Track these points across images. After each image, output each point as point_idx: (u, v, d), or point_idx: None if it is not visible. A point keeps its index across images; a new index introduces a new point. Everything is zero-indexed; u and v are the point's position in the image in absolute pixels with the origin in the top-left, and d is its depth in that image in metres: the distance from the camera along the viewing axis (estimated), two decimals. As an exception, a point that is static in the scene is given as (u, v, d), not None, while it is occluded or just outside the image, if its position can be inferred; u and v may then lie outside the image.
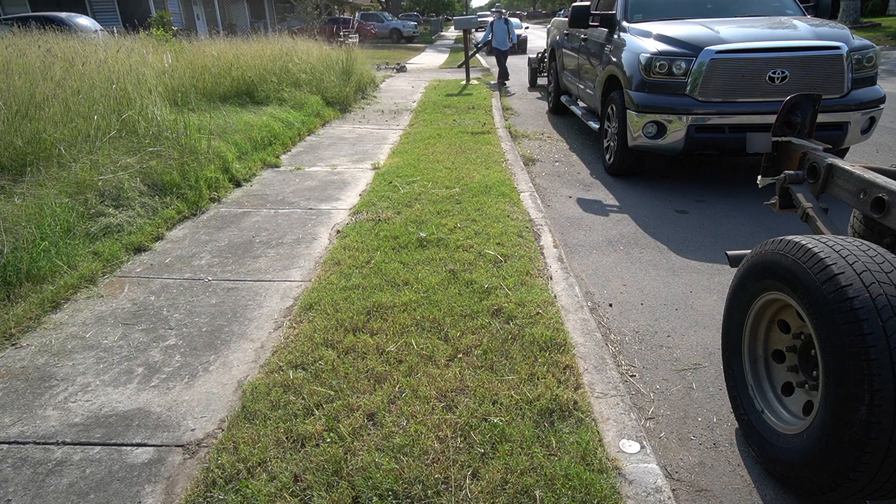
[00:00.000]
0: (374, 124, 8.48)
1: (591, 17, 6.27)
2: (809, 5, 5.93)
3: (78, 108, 4.98)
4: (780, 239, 1.86)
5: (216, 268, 3.60)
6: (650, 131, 4.86)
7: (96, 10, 22.52)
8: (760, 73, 4.48)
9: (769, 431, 1.96)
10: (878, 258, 1.60)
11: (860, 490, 1.59)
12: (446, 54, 24.21)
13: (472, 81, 13.15)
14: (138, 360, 2.63)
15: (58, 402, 2.35)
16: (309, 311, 2.96)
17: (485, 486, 1.84)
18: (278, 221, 4.43)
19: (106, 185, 4.23)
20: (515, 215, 4.31)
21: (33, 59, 5.94)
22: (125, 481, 1.94)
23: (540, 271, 3.39)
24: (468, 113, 8.97)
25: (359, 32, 22.56)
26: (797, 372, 1.95)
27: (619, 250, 3.97)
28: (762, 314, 2.05)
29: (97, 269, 3.48)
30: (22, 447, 2.10)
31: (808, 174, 2.52)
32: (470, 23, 13.96)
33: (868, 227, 2.55)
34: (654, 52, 4.80)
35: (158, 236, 4.07)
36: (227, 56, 8.91)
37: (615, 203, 4.95)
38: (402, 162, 5.96)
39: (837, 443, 1.57)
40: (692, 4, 5.82)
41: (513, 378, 2.38)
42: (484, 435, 2.06)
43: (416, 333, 2.73)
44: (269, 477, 1.90)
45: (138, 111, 5.16)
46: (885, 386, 1.45)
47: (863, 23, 20.34)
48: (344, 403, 2.24)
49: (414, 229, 4.00)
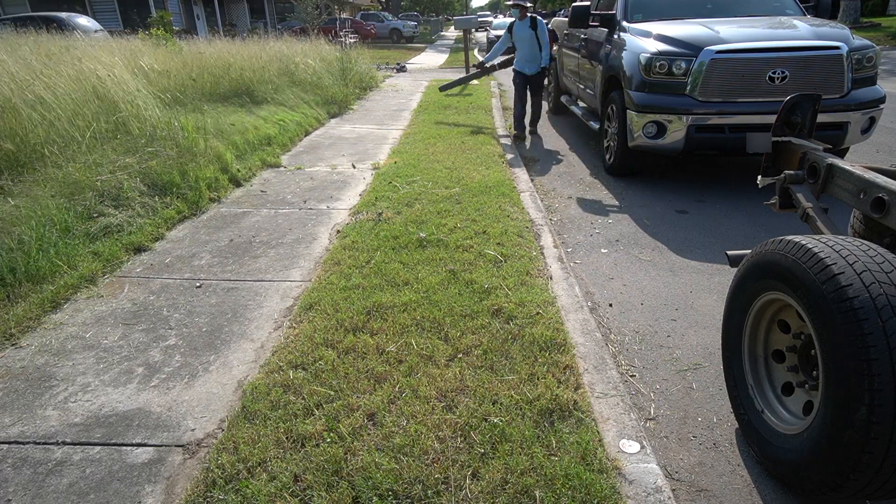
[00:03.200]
0: (375, 124, 8.47)
1: (591, 17, 6.27)
2: (809, 5, 5.93)
3: (73, 109, 4.97)
4: (780, 239, 1.86)
5: (216, 268, 3.60)
6: (650, 131, 4.86)
7: (96, 11, 22.54)
8: (760, 73, 4.48)
9: (769, 431, 1.96)
10: (878, 258, 1.60)
11: (860, 490, 1.59)
12: (446, 54, 24.21)
13: (472, 81, 13.13)
14: (138, 360, 2.63)
15: (58, 402, 2.35)
16: (309, 311, 2.96)
17: (485, 486, 1.84)
18: (278, 221, 4.43)
19: (105, 185, 4.23)
20: (515, 215, 4.31)
21: (28, 58, 5.94)
22: (125, 481, 1.94)
23: (540, 271, 3.39)
24: (468, 113, 8.97)
25: (359, 32, 22.55)
26: (797, 372, 1.95)
27: (619, 250, 3.97)
28: (762, 314, 2.05)
29: (97, 269, 3.48)
30: (22, 447, 2.10)
31: (808, 174, 2.52)
32: (470, 23, 13.95)
33: (868, 227, 2.55)
34: (654, 52, 4.80)
35: (158, 236, 4.07)
36: (226, 56, 8.91)
37: (615, 203, 4.95)
38: (402, 162, 5.96)
39: (837, 443, 1.57)
40: (692, 4, 5.82)
41: (513, 378, 2.38)
42: (484, 435, 2.06)
43: (416, 333, 2.73)
44: (269, 477, 1.90)
45: (129, 111, 5.16)
46: (885, 386, 1.45)
47: (863, 23, 20.34)
48: (344, 403, 2.24)
49: (414, 229, 4.00)
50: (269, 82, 8.68)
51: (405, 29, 32.99)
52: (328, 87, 9.69)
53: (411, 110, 9.52)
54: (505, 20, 31.18)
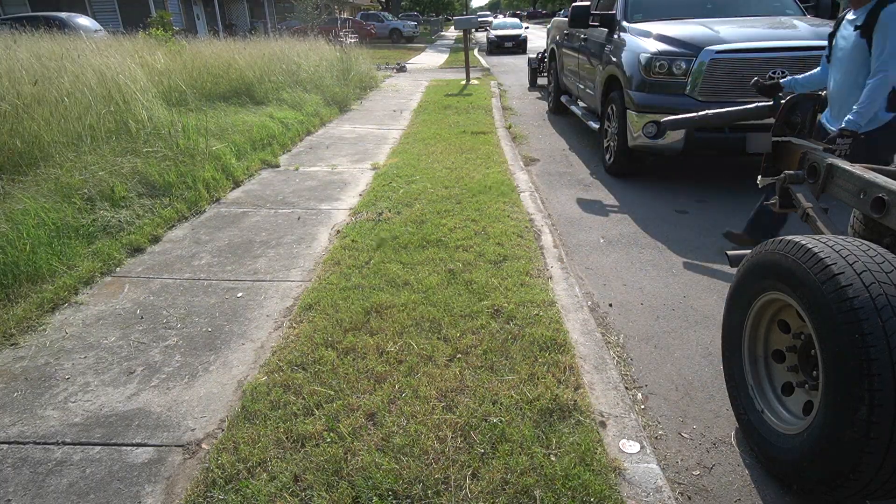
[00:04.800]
0: (374, 124, 8.47)
1: (591, 17, 6.26)
2: (809, 5, 5.93)
3: (72, 109, 4.97)
4: (780, 239, 1.86)
5: (216, 268, 3.60)
6: (650, 131, 4.85)
7: (96, 11, 22.51)
8: (760, 72, 4.47)
9: (769, 431, 1.96)
10: (878, 258, 1.60)
11: (860, 490, 1.59)
12: (446, 54, 24.20)
13: (472, 81, 13.14)
14: (138, 360, 2.63)
15: (58, 402, 2.35)
16: (309, 311, 2.96)
17: (485, 486, 1.84)
18: (278, 221, 4.42)
19: (104, 185, 4.23)
20: (515, 215, 4.31)
21: (26, 59, 5.93)
22: (125, 481, 1.94)
23: (540, 271, 3.39)
24: (468, 113, 8.97)
25: (359, 32, 22.53)
26: (797, 372, 1.95)
27: (619, 250, 3.97)
28: (762, 314, 2.05)
29: (97, 269, 3.48)
30: (22, 447, 2.10)
31: (808, 174, 2.52)
32: (470, 23, 13.94)
33: (868, 227, 2.54)
34: (654, 52, 4.80)
35: (158, 236, 4.07)
36: (226, 56, 8.91)
37: (615, 203, 4.94)
38: (402, 162, 5.96)
39: (837, 443, 1.57)
40: (692, 4, 5.82)
41: (513, 378, 2.38)
42: (484, 435, 2.06)
43: (416, 333, 2.73)
44: (269, 477, 1.90)
45: (128, 111, 5.15)
46: (885, 386, 1.45)
47: (863, 23, 20.28)
48: (344, 403, 2.24)
49: (414, 229, 4.00)
50: (269, 82, 8.68)
51: (405, 29, 32.97)
52: (328, 87, 9.69)
53: (411, 110, 9.52)
54: (505, 20, 30.33)
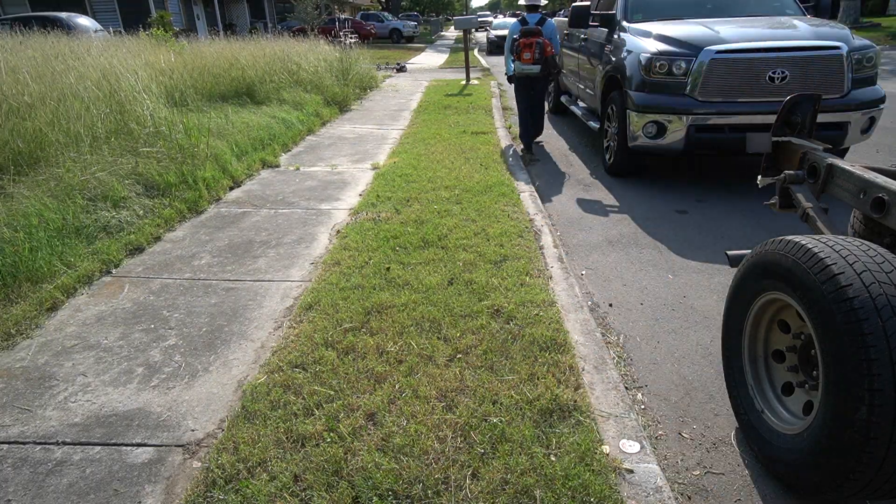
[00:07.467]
0: (374, 124, 8.47)
1: (591, 17, 6.27)
2: (809, 5, 5.93)
3: (74, 109, 4.97)
4: (780, 239, 1.86)
5: (216, 268, 3.59)
6: (650, 131, 4.86)
7: (96, 11, 22.51)
8: (760, 73, 4.48)
9: (769, 431, 1.96)
10: (878, 258, 1.60)
11: (860, 490, 1.59)
12: (446, 54, 24.20)
13: (472, 81, 13.14)
14: (138, 360, 2.63)
15: (58, 402, 2.35)
16: (309, 311, 2.96)
17: (485, 486, 1.84)
18: (278, 221, 4.42)
19: (104, 185, 4.22)
20: (515, 215, 4.31)
21: (24, 59, 5.94)
22: (125, 481, 1.94)
23: (540, 271, 3.39)
24: (468, 113, 8.96)
25: (358, 32, 22.53)
26: (797, 372, 1.95)
27: (619, 250, 3.97)
28: (762, 314, 2.05)
29: (97, 269, 3.48)
30: (22, 447, 2.10)
31: (808, 174, 2.52)
32: (470, 23, 13.95)
33: (868, 227, 2.54)
34: (654, 52, 4.80)
35: (158, 236, 4.07)
36: (226, 56, 8.91)
37: (615, 203, 4.94)
38: (402, 162, 5.96)
39: (837, 443, 1.57)
40: (692, 4, 5.82)
41: (513, 378, 2.38)
42: (484, 435, 2.06)
43: (416, 333, 2.73)
44: (269, 477, 1.90)
45: (130, 111, 5.15)
46: (885, 386, 1.45)
47: (863, 23, 20.34)
48: (344, 403, 2.24)
49: (414, 229, 4.00)
50: (269, 82, 8.68)
51: (405, 29, 32.97)
52: (328, 87, 9.69)
53: (411, 110, 9.52)
54: (505, 20, 31.00)
